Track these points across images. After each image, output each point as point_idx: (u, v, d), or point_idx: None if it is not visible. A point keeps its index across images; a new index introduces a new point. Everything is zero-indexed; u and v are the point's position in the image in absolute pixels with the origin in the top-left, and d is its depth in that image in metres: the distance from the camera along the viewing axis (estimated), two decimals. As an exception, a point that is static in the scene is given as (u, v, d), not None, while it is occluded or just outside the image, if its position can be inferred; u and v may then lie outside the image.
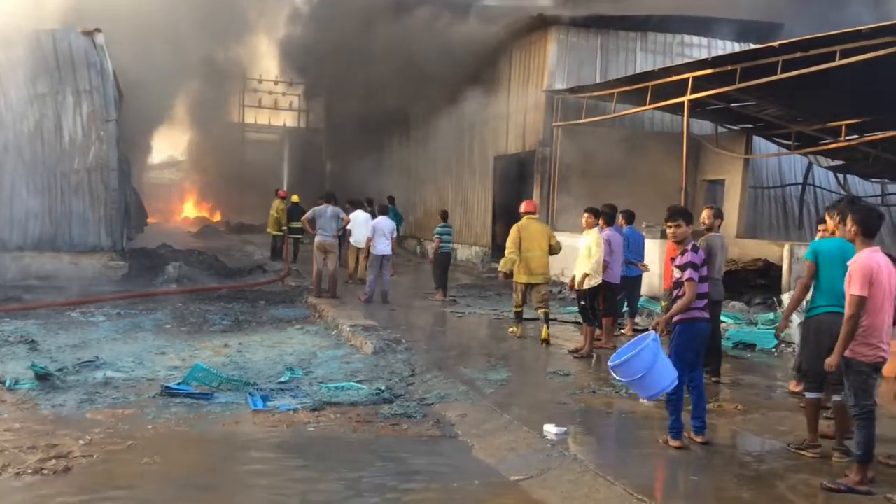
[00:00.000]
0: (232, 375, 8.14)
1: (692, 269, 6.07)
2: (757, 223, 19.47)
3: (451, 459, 6.01)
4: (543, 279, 10.65)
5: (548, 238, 10.66)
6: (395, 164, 29.79)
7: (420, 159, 27.13)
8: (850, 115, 14.94)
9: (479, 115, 21.93)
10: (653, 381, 5.85)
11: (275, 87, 42.64)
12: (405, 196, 26.84)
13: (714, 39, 19.07)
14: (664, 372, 5.84)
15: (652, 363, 5.78)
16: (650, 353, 5.79)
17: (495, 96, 20.94)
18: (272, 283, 16.47)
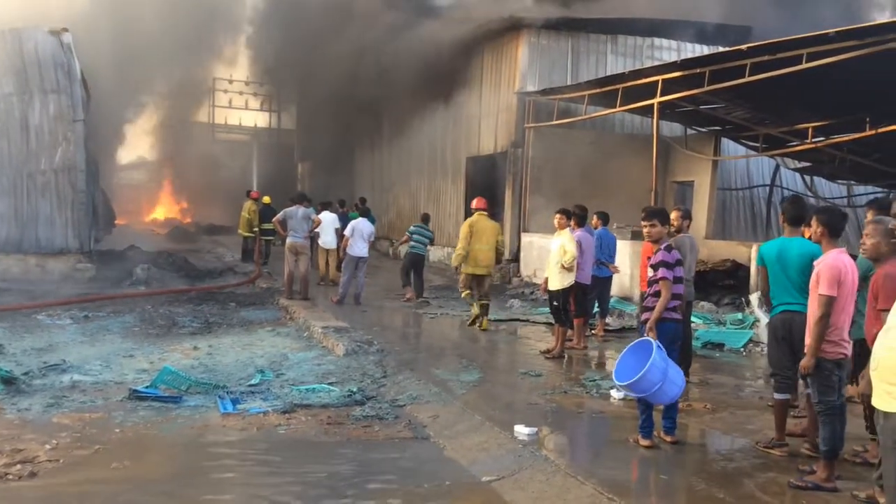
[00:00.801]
0: (201, 378, 8.06)
1: (664, 267, 6.15)
2: (725, 224, 19.69)
3: (423, 461, 6.00)
4: (488, 271, 11.54)
5: (496, 234, 11.52)
6: (368, 164, 29.74)
7: (392, 160, 27.09)
8: (817, 117, 15.16)
9: (452, 117, 21.96)
10: (670, 385, 5.82)
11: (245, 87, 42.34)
12: (378, 197, 26.82)
13: (683, 42, 19.27)
14: (676, 374, 5.86)
15: (666, 370, 5.77)
16: (662, 360, 5.78)
17: (467, 98, 20.99)
18: (243, 284, 16.35)
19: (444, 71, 20.87)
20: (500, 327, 12.17)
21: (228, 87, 42.25)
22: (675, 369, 5.89)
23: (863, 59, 10.39)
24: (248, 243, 21.03)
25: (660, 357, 5.77)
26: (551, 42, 18.66)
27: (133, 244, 19.85)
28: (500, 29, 19.02)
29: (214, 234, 31.81)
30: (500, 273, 18.28)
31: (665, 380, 5.74)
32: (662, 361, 5.77)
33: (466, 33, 19.72)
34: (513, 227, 18.61)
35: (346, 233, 14.20)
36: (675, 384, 5.85)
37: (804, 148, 16.10)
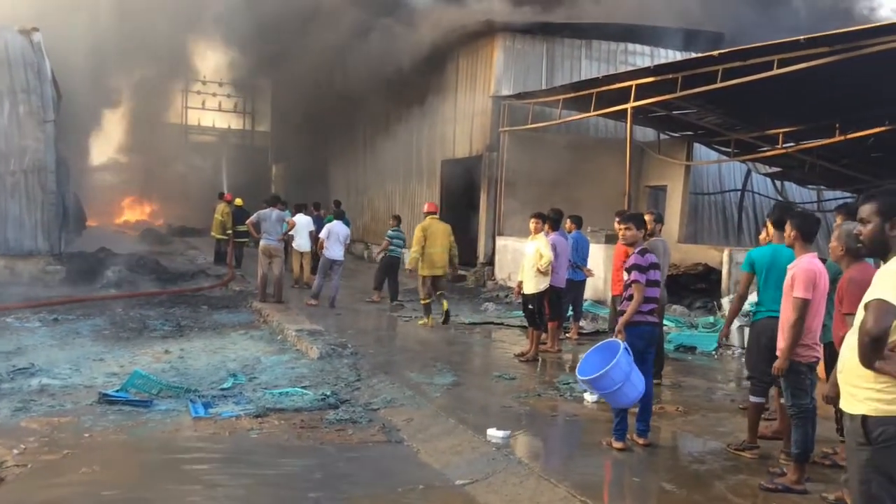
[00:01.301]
0: (172, 382, 7.98)
1: (637, 270, 6.21)
2: (698, 228, 19.87)
3: (397, 464, 5.99)
4: (443, 271, 12.14)
5: (448, 236, 12.16)
6: (342, 167, 29.65)
7: (367, 163, 27.04)
8: (787, 123, 15.37)
9: (427, 120, 21.97)
10: (630, 388, 5.85)
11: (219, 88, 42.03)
12: (353, 200, 26.76)
13: (657, 48, 19.44)
14: (638, 378, 5.89)
15: (629, 372, 5.80)
16: (626, 362, 5.81)
17: (442, 101, 21.00)
18: (216, 287, 16.21)
19: (420, 74, 20.89)
20: (474, 330, 12.18)
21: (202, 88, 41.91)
22: (638, 374, 5.90)
23: (832, 65, 10.55)
24: (221, 246, 20.87)
25: (625, 359, 5.81)
26: (526, 46, 18.74)
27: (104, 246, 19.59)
28: (475, 33, 19.06)
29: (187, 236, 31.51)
30: (475, 276, 18.32)
31: (626, 381, 5.77)
32: (627, 364, 5.81)
33: (442, 37, 19.74)
34: (487, 231, 18.65)
35: (321, 235, 14.16)
36: (636, 388, 5.88)
37: (775, 153, 16.30)
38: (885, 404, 3.23)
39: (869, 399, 3.27)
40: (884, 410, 3.23)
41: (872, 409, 3.25)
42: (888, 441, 3.22)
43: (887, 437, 3.22)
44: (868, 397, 3.27)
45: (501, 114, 18.18)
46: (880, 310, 3.13)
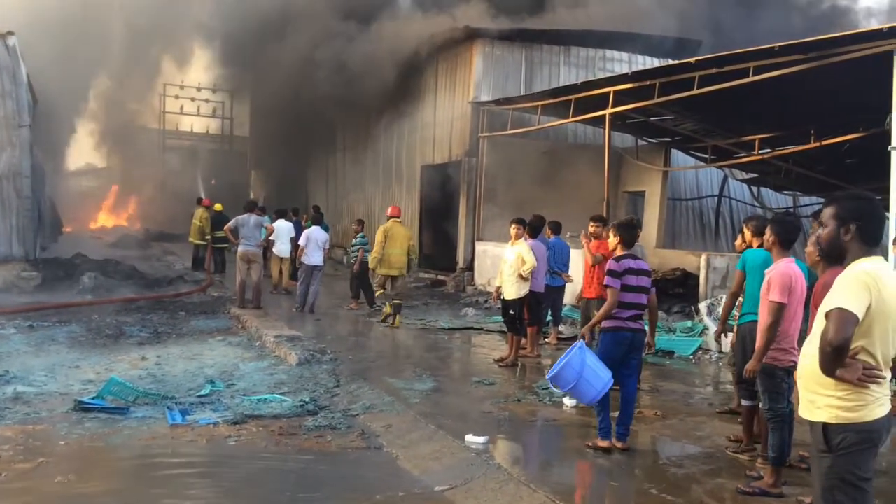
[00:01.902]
0: (149, 389, 7.91)
1: (609, 275, 6.29)
2: (675, 234, 20.00)
3: (376, 471, 5.97)
4: (400, 272, 12.81)
5: (408, 239, 12.98)
6: (322, 172, 29.58)
7: (347, 168, 26.99)
8: (763, 129, 15.53)
9: (406, 125, 21.98)
10: (586, 387, 6.03)
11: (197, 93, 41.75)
12: (332, 205, 26.69)
13: (634, 55, 19.59)
14: (594, 377, 6.01)
15: (580, 370, 5.95)
16: (578, 361, 5.98)
17: (422, 106, 21.03)
18: (193, 293, 16.10)
19: (399, 80, 20.89)
20: (454, 336, 12.19)
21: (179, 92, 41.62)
22: (596, 374, 6.02)
23: (807, 72, 10.67)
24: (200, 251, 20.73)
25: (578, 358, 5.99)
26: (505, 52, 18.81)
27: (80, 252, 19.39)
28: (454, 39, 19.11)
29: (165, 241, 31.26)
30: (455, 282, 18.33)
31: (580, 380, 5.97)
32: (579, 363, 5.97)
33: (421, 43, 19.77)
34: (467, 236, 18.68)
35: (300, 243, 14.11)
36: (592, 387, 6.03)
37: (751, 159, 16.48)
38: (846, 411, 3.26)
39: (829, 406, 3.30)
40: (844, 418, 3.26)
41: (833, 417, 3.28)
42: (849, 448, 3.25)
43: (848, 443, 3.25)
44: (828, 405, 3.30)
45: (480, 119, 18.23)
46: (841, 319, 3.15)
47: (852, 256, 3.37)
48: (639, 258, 6.52)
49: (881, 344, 3.27)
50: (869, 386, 3.24)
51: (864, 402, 3.26)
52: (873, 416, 3.26)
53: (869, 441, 3.27)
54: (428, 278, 19.71)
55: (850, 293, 3.19)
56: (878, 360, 3.28)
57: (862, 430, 3.25)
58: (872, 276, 3.24)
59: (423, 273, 20.31)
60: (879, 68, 9.67)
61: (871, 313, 3.20)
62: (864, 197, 3.49)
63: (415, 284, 19.31)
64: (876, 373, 3.25)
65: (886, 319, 3.25)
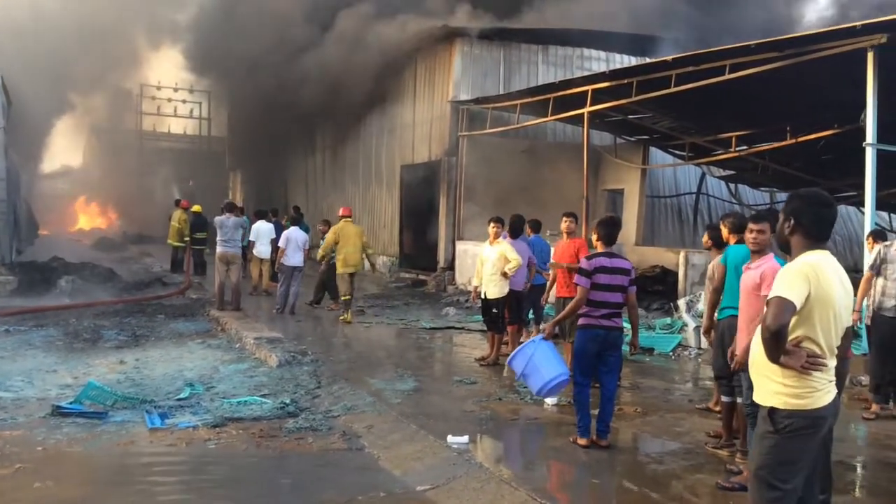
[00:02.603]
0: (128, 393, 7.84)
1: (579, 273, 6.36)
2: (654, 231, 20.11)
3: (357, 472, 5.95)
4: (357, 269, 13.30)
5: (360, 237, 13.44)
6: (302, 173, 29.48)
7: (327, 168, 26.92)
8: (740, 127, 15.65)
9: (386, 125, 21.96)
10: (534, 378, 6.50)
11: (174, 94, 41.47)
12: (312, 206, 26.60)
13: (612, 53, 19.67)
14: (542, 369, 6.41)
15: (527, 361, 6.40)
16: (530, 350, 6.45)
17: (401, 106, 21.00)
18: (172, 295, 15.98)
19: (378, 80, 20.86)
20: (435, 335, 12.19)
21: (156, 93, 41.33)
22: (546, 365, 6.42)
23: (782, 69, 10.77)
24: (178, 253, 20.60)
25: (531, 348, 6.51)
26: (484, 52, 18.83)
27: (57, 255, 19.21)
28: (433, 38, 19.11)
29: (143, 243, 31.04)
30: (436, 281, 18.33)
31: (531, 372, 6.49)
32: (530, 352, 6.43)
33: (400, 42, 19.75)
34: (447, 236, 18.67)
35: (280, 244, 14.06)
36: (541, 378, 6.45)
37: (728, 156, 16.59)
38: (794, 398, 3.41)
39: (777, 392, 3.44)
40: (793, 404, 3.41)
41: (781, 403, 3.43)
42: (795, 432, 3.40)
43: (794, 428, 3.40)
44: (776, 391, 3.45)
45: (460, 119, 18.24)
46: (779, 306, 3.29)
47: (796, 250, 3.54)
48: (617, 256, 6.50)
49: (823, 332, 3.42)
50: (812, 373, 3.38)
51: (811, 389, 3.40)
52: (821, 403, 3.41)
53: (814, 427, 3.42)
54: (409, 278, 19.70)
55: (789, 283, 3.35)
56: (823, 347, 3.43)
57: (808, 416, 3.40)
58: (813, 266, 3.41)
59: (404, 273, 20.30)
60: (854, 65, 9.79)
61: (811, 302, 3.36)
62: (808, 195, 3.61)
63: (396, 284, 19.31)
64: (820, 360, 3.39)
65: (827, 308, 3.40)
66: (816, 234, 3.52)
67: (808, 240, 3.52)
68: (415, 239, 20.57)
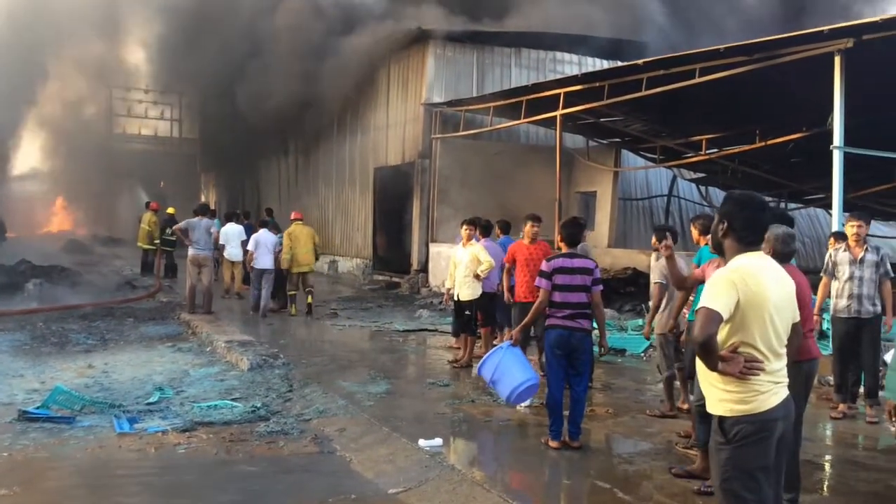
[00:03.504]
0: (96, 397, 7.75)
1: (539, 276, 6.41)
2: (626, 233, 20.24)
3: (329, 475, 5.93)
4: (309, 268, 14.04)
5: (312, 238, 14.06)
6: (274, 175, 29.30)
7: (300, 171, 26.78)
8: (710, 130, 15.81)
9: (359, 127, 21.91)
10: (502, 384, 6.53)
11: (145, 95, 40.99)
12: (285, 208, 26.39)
13: (584, 57, 19.79)
14: (509, 376, 6.43)
15: (495, 368, 6.42)
16: (495, 358, 6.47)
17: (374, 108, 20.97)
18: (142, 299, 15.81)
19: (352, 81, 20.80)
20: (408, 337, 12.17)
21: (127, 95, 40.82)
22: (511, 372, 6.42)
23: (752, 73, 10.90)
24: (149, 256, 20.39)
25: (496, 356, 6.53)
26: (457, 54, 18.85)
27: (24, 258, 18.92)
28: (406, 40, 19.09)
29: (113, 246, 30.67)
30: (409, 283, 18.31)
31: (499, 378, 6.48)
32: (496, 360, 6.47)
33: (373, 44, 19.71)
34: (421, 238, 18.66)
35: (249, 247, 14.00)
36: (508, 385, 6.46)
37: (699, 159, 16.76)
38: (738, 404, 3.39)
39: (722, 400, 3.43)
40: (738, 410, 3.39)
41: (727, 410, 3.41)
42: (745, 439, 3.37)
43: (743, 434, 3.37)
44: (721, 398, 3.44)
45: (433, 121, 18.24)
46: (706, 317, 3.29)
47: (729, 253, 3.54)
48: (579, 256, 6.47)
49: (761, 335, 3.39)
50: (750, 378, 3.36)
51: (754, 393, 3.37)
52: (766, 406, 3.38)
53: (764, 431, 3.38)
54: (382, 280, 19.66)
55: (716, 293, 3.34)
56: (762, 350, 3.39)
57: (756, 420, 3.37)
58: (740, 272, 3.39)
59: (378, 275, 20.26)
60: (822, 69, 9.92)
61: (742, 307, 3.34)
62: (740, 199, 3.59)
63: (369, 287, 19.27)
64: (757, 365, 3.36)
65: (761, 311, 3.37)
66: (747, 237, 3.49)
67: (740, 243, 3.49)
68: (388, 241, 20.53)
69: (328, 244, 23.93)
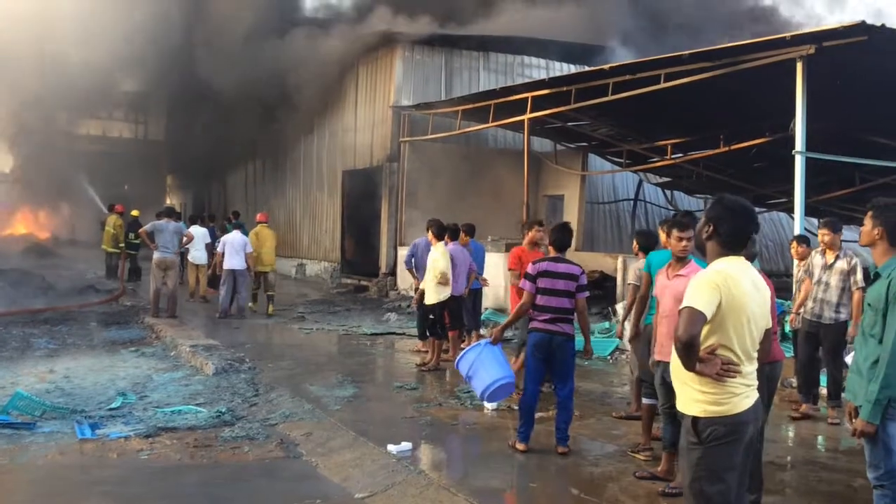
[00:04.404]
0: (57, 403, 7.62)
1: (524, 278, 6.46)
2: (593, 236, 20.39)
3: (294, 480, 5.88)
4: (271, 268, 14.85)
5: (274, 240, 15.12)
6: (241, 177, 29.05)
7: (267, 173, 26.58)
8: (676, 135, 15.97)
9: (327, 130, 21.81)
10: (476, 380, 6.63)
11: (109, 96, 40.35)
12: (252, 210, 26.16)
13: (552, 61, 19.90)
14: (485, 372, 6.53)
15: (471, 363, 6.54)
16: (473, 354, 6.59)
17: (342, 111, 20.89)
18: (106, 302, 15.58)
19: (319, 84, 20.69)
20: (376, 341, 12.13)
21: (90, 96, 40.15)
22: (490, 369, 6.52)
23: (716, 79, 11.03)
24: (113, 259, 20.11)
25: (473, 352, 6.62)
26: (425, 57, 18.85)
27: (-16, 262, 18.61)
28: (374, 43, 19.05)
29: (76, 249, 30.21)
30: (377, 287, 18.25)
31: (474, 374, 6.60)
32: (474, 354, 6.58)
33: (341, 47, 19.64)
34: (389, 241, 18.61)
35: (217, 249, 13.93)
36: (483, 381, 6.56)
37: (664, 164, 16.91)
38: (713, 405, 3.43)
39: (697, 401, 3.47)
40: (711, 411, 3.43)
41: (701, 411, 3.45)
42: (717, 440, 3.42)
43: (716, 436, 3.42)
44: (696, 399, 3.47)
45: (402, 124, 18.21)
46: (689, 317, 3.33)
47: (711, 256, 3.58)
48: (565, 261, 6.48)
49: (738, 338, 3.44)
50: (727, 380, 3.41)
51: (729, 395, 3.43)
52: (739, 409, 3.44)
53: (736, 433, 3.43)
54: (350, 284, 19.58)
55: (699, 293, 3.39)
56: (738, 354, 3.45)
57: (729, 422, 3.42)
58: (723, 275, 3.44)
59: (346, 278, 20.17)
60: (784, 75, 10.07)
61: (723, 310, 3.39)
62: (730, 205, 3.61)
63: (337, 290, 19.18)
64: (734, 368, 3.41)
65: (740, 314, 3.43)
66: (731, 243, 3.53)
67: (723, 248, 3.54)
68: (356, 244, 20.45)
69: (296, 247, 23.78)
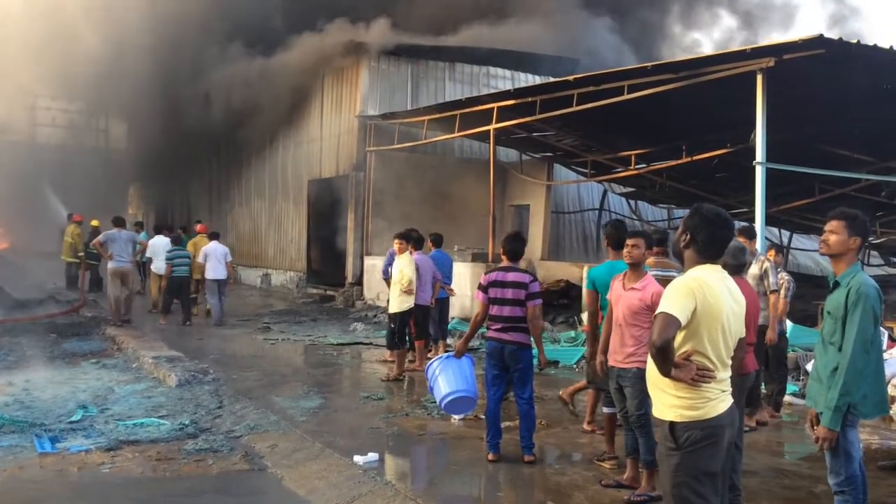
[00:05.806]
0: (15, 416, 7.45)
1: (477, 289, 6.57)
2: (559, 246, 20.50)
3: (259, 493, 5.82)
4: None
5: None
6: (206, 185, 28.74)
7: (232, 182, 26.32)
8: (639, 145, 16.15)
9: (293, 139, 21.71)
10: (436, 389, 6.85)
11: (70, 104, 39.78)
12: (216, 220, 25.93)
13: (517, 72, 20.04)
14: (444, 381, 6.74)
15: (436, 370, 6.80)
16: (439, 362, 6.86)
17: (308, 120, 20.82)
18: (66, 313, 15.30)
19: (285, 93, 20.60)
20: (343, 351, 12.06)
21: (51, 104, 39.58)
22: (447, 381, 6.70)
23: (678, 90, 11.18)
24: (73, 269, 19.75)
25: (437, 363, 6.85)
26: (391, 67, 18.87)
27: (-61, 272, 18.18)
28: (340, 53, 19.01)
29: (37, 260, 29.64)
30: (344, 297, 18.17)
31: (434, 384, 6.81)
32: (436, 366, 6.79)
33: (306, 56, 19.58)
34: (355, 251, 18.55)
35: (199, 259, 14.34)
36: (441, 390, 6.75)
37: (628, 174, 17.09)
38: (689, 409, 3.47)
39: (674, 406, 3.50)
40: (688, 416, 3.47)
41: (678, 416, 3.49)
42: (695, 444, 3.45)
43: (693, 440, 3.45)
44: (672, 404, 3.51)
45: (368, 134, 18.19)
46: (664, 322, 3.37)
47: (688, 264, 3.63)
48: (515, 270, 6.45)
49: (711, 344, 3.49)
50: (702, 385, 3.44)
51: (704, 399, 3.46)
52: (715, 413, 3.47)
53: (713, 436, 3.46)
54: (316, 293, 19.47)
55: (674, 299, 3.43)
56: (712, 359, 3.49)
57: (706, 426, 3.45)
58: (698, 282, 3.48)
59: (312, 288, 20.05)
60: (745, 87, 10.24)
61: (698, 316, 3.43)
62: (707, 214, 3.65)
63: (303, 300, 19.05)
64: (708, 373, 3.46)
65: (714, 321, 3.47)
66: (707, 252, 3.58)
67: (699, 256, 3.59)
68: (322, 254, 20.35)
69: (261, 257, 23.60)
